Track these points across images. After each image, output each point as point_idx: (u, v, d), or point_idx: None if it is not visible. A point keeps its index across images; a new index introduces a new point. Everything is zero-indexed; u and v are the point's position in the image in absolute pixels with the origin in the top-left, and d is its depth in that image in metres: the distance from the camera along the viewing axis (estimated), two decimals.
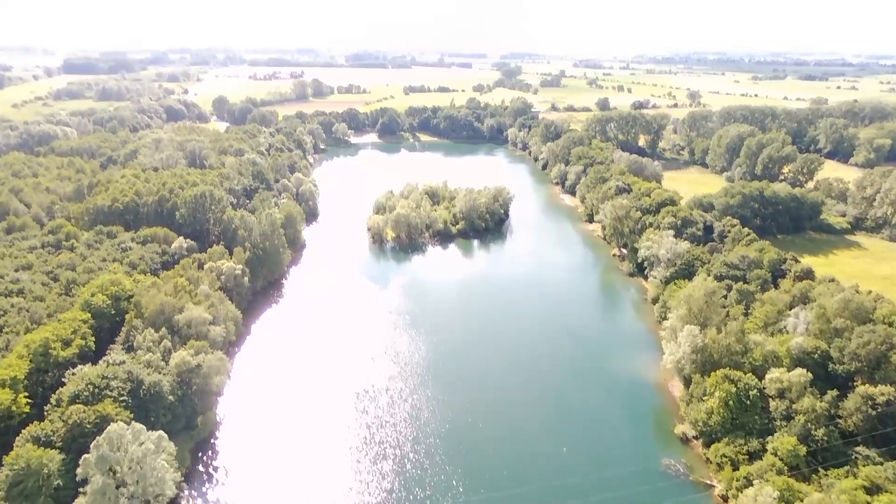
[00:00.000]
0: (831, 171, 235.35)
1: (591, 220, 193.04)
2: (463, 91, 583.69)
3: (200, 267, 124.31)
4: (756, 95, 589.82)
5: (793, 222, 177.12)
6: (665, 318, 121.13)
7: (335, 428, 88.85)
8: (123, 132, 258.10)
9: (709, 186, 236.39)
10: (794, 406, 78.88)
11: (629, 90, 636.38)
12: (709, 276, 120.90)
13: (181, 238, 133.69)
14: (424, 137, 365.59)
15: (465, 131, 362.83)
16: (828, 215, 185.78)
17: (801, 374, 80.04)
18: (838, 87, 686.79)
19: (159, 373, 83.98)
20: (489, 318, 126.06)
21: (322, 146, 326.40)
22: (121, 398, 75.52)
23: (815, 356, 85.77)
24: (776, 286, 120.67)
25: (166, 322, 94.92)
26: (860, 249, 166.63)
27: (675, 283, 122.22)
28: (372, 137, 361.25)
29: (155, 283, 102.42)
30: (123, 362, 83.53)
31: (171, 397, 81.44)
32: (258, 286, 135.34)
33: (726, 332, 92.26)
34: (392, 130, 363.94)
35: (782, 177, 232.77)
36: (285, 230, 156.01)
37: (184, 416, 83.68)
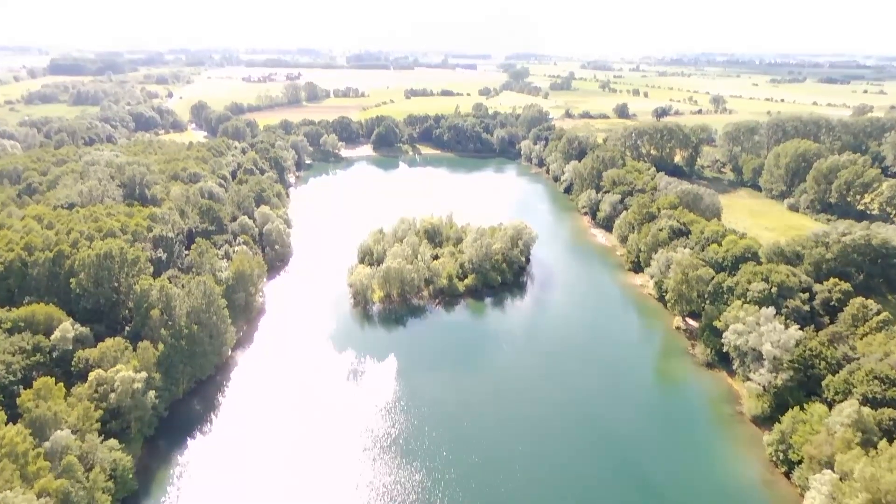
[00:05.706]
0: None
1: (636, 269, 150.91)
2: (468, 94, 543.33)
3: (83, 376, 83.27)
4: (782, 100, 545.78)
5: None
6: (784, 460, 79.83)
7: None
8: (67, 148, 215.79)
9: (770, 218, 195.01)
10: None
11: (645, 94, 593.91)
12: (851, 396, 79.68)
13: (68, 322, 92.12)
14: (426, 150, 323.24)
15: (472, 143, 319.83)
16: None
17: None
18: (865, 92, 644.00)
19: None
20: (509, 455, 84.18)
21: (308, 161, 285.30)
22: None
23: None
24: None
25: None
26: None
27: (804, 412, 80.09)
28: (366, 150, 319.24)
29: None
30: None
31: None
32: (180, 391, 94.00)
33: None
34: (389, 142, 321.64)
35: (862, 206, 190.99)
36: (233, 295, 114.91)
37: None
